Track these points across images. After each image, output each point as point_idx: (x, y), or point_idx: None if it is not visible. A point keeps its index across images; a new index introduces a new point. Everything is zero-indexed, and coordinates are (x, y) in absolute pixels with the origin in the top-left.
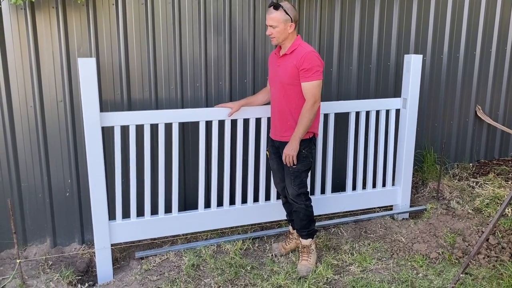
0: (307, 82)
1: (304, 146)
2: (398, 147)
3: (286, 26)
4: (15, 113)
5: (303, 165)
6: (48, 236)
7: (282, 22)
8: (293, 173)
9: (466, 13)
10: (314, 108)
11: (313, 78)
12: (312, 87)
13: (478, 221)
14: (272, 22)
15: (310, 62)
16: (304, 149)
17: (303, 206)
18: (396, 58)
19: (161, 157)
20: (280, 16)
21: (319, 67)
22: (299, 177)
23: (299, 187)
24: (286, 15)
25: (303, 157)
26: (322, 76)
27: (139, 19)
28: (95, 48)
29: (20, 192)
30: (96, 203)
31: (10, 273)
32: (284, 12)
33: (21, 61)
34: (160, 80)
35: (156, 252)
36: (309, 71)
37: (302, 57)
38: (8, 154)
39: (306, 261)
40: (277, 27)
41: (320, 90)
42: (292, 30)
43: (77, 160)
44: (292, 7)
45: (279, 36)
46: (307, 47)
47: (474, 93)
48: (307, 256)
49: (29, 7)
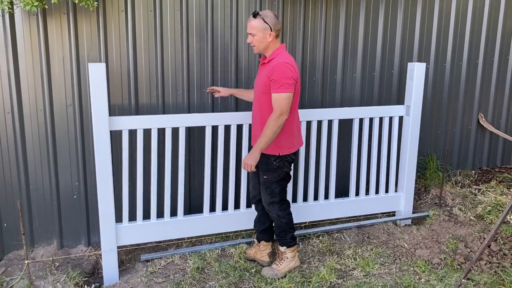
0: (275, 93)
1: (275, 159)
2: (401, 153)
3: (265, 35)
4: (25, 116)
5: (273, 176)
6: (55, 238)
7: (261, 30)
8: (264, 182)
9: (469, 22)
10: (279, 120)
11: (281, 90)
12: (279, 99)
13: (480, 227)
14: (250, 30)
15: (279, 73)
16: (275, 161)
17: (275, 215)
18: (399, 66)
19: (168, 161)
20: (259, 24)
21: (288, 79)
22: (269, 187)
23: (270, 196)
24: (264, 23)
25: (274, 169)
26: (291, 89)
27: (147, 26)
28: (104, 53)
29: (28, 194)
30: (104, 205)
31: (18, 274)
32: (262, 20)
33: (32, 66)
34: (167, 86)
35: (162, 255)
36: (277, 82)
37: (273, 67)
38: (17, 156)
39: (275, 265)
40: (256, 35)
41: (288, 103)
42: (272, 39)
43: (84, 163)
44: (273, 16)
45: (259, 45)
46: (284, 58)
47: (476, 101)
48: (278, 262)
49: (41, 13)
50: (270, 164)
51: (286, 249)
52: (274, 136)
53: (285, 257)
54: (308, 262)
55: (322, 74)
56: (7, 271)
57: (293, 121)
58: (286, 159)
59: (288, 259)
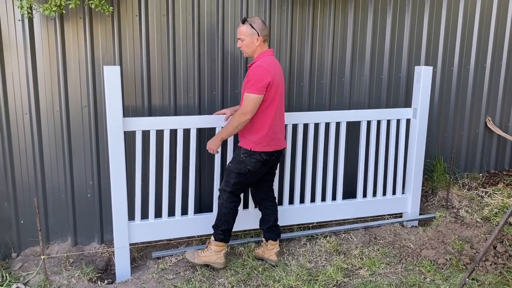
0: (246, 92)
1: (244, 152)
2: (408, 155)
3: (253, 39)
4: (42, 117)
5: (235, 166)
6: (69, 235)
7: (249, 36)
8: (227, 168)
9: (476, 25)
10: (241, 118)
11: (250, 90)
12: (246, 98)
13: (486, 229)
14: (239, 35)
15: (253, 75)
16: (243, 154)
17: (220, 201)
18: (407, 69)
19: (179, 161)
20: (246, 29)
21: (258, 82)
22: (228, 175)
23: (225, 183)
24: (252, 29)
25: (239, 160)
26: (260, 92)
27: (160, 30)
28: (118, 56)
29: (44, 192)
30: (117, 203)
31: (34, 269)
32: (250, 26)
33: (50, 68)
34: (179, 88)
35: (172, 252)
36: (248, 82)
37: (250, 69)
38: (34, 156)
39: (199, 251)
40: (244, 40)
41: (254, 104)
42: (260, 44)
43: (98, 163)
44: (260, 23)
45: (247, 49)
46: (264, 62)
47: (484, 105)
48: (202, 250)
49: (59, 18)
50: (238, 155)
51: (213, 241)
52: (235, 131)
53: (209, 248)
54: (315, 261)
55: (330, 77)
56: (23, 266)
57: (267, 122)
58: (255, 157)
59: (211, 251)
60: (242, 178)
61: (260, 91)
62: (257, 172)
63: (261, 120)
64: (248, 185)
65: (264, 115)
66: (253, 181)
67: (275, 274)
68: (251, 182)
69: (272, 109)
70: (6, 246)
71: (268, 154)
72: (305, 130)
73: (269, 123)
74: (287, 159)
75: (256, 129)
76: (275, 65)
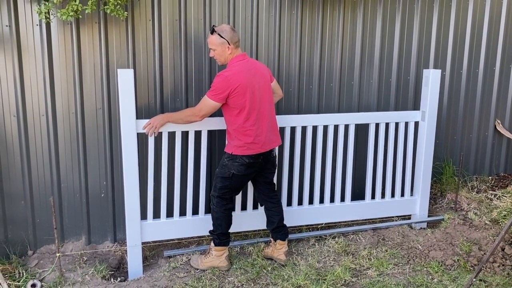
0: (206, 95)
1: (227, 156)
2: (417, 158)
3: (224, 48)
4: (58, 119)
5: (220, 171)
6: (83, 234)
7: (219, 45)
8: (215, 175)
9: (485, 29)
10: (191, 117)
11: (207, 94)
12: (204, 101)
13: (495, 231)
14: (210, 45)
15: (214, 81)
16: (226, 158)
17: (211, 206)
18: (416, 72)
19: (191, 162)
20: (216, 39)
21: (217, 89)
22: (215, 180)
23: (213, 188)
24: (221, 38)
25: (223, 165)
26: (215, 98)
27: (173, 34)
28: (132, 60)
29: (60, 192)
30: (130, 203)
31: (49, 266)
32: (219, 36)
33: (66, 71)
34: (190, 90)
35: (184, 251)
36: (210, 87)
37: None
38: (50, 156)
39: (202, 257)
40: (216, 50)
41: (204, 108)
42: (231, 51)
43: (112, 164)
44: (229, 30)
45: (219, 58)
46: (230, 69)
47: (493, 108)
48: (205, 256)
49: (75, 22)
50: (223, 160)
51: (212, 246)
52: (180, 122)
53: (211, 253)
54: (324, 261)
55: (340, 80)
56: (39, 263)
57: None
58: (237, 160)
59: (213, 256)
60: (227, 182)
61: (215, 98)
62: (243, 175)
63: (236, 125)
64: (237, 188)
65: (239, 120)
66: (242, 184)
67: (284, 273)
68: (240, 186)
69: (245, 114)
70: (22, 244)
71: (251, 157)
72: (314, 132)
73: (247, 127)
74: (296, 160)
75: (234, 135)
76: (245, 70)
